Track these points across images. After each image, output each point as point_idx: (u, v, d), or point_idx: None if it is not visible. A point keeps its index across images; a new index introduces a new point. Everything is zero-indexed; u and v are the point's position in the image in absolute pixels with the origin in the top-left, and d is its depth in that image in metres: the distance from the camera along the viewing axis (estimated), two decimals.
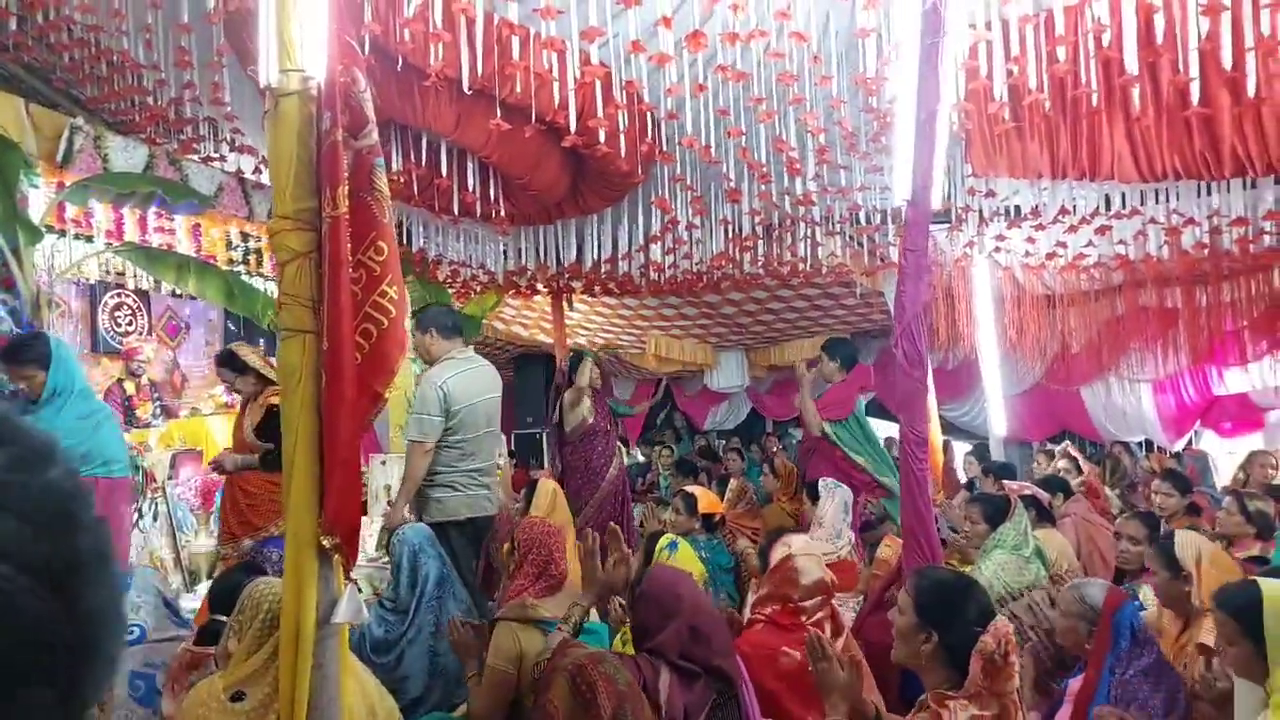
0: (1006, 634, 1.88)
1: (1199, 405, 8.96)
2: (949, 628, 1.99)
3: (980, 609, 2.04)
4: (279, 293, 2.05)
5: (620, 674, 2.03)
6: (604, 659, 2.08)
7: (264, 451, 4.14)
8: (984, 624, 1.93)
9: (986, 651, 1.84)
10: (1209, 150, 3.92)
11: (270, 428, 4.07)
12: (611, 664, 2.06)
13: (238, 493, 4.26)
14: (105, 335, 7.59)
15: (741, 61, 3.32)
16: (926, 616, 2.04)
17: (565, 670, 2.07)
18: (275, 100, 2.03)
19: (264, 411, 4.16)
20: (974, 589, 2.14)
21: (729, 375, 10.78)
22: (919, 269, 2.96)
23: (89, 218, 4.73)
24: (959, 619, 2.00)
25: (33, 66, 4.63)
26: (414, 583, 3.26)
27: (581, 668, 2.02)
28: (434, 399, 3.79)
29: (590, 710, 1.95)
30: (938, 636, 1.99)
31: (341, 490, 1.99)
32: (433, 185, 4.58)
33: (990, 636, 1.86)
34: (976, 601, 2.07)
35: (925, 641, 2.01)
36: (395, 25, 3.14)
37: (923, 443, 2.95)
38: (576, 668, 2.02)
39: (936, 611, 2.04)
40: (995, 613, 2.08)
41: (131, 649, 2.98)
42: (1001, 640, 1.85)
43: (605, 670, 2.01)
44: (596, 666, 2.01)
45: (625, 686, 2.01)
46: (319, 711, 1.97)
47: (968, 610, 2.02)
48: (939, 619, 2.02)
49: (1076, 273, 6.67)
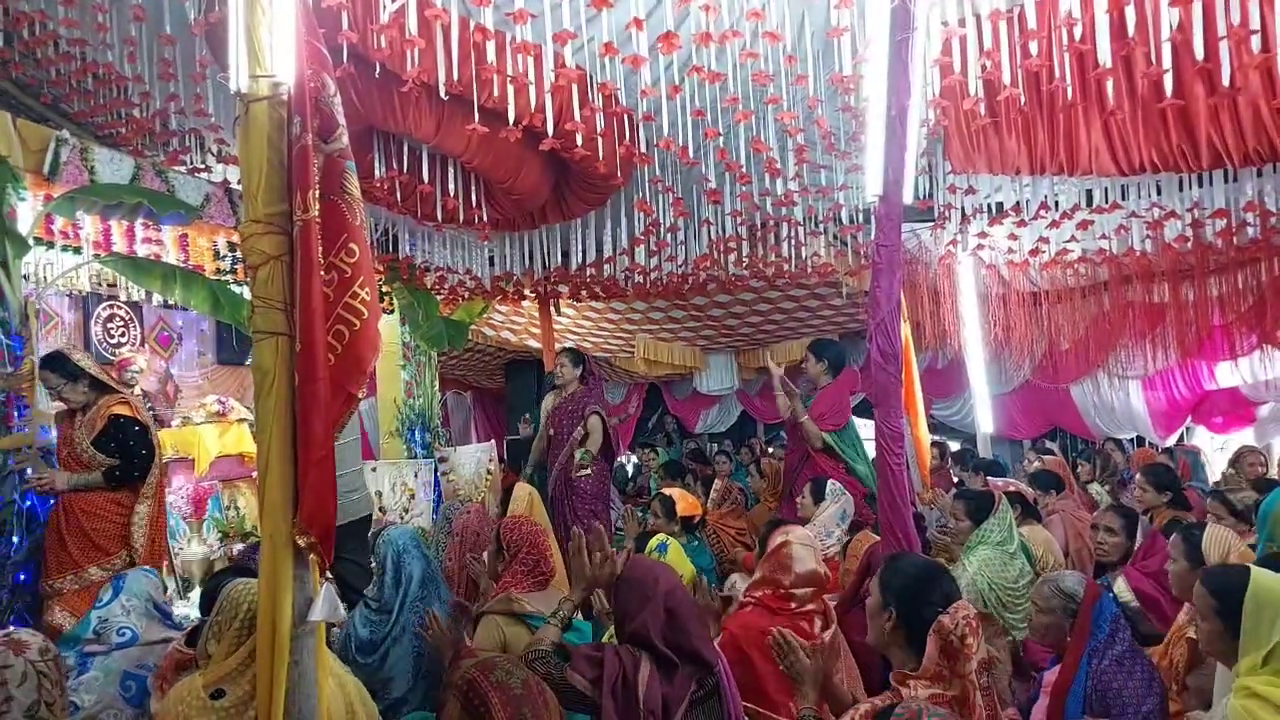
0: (966, 617, 1.91)
1: (1189, 401, 8.99)
2: (910, 607, 2.03)
3: (944, 594, 2.07)
4: (252, 296, 2.08)
5: (514, 677, 2.01)
6: (495, 666, 2.04)
7: (108, 468, 3.80)
8: (946, 606, 1.96)
9: (944, 631, 1.88)
10: (1185, 142, 3.93)
11: (113, 440, 3.81)
12: (504, 670, 2.03)
13: (78, 515, 3.77)
14: (98, 346, 7.62)
15: (716, 62, 3.35)
16: (889, 595, 2.09)
17: (456, 687, 2.04)
18: (246, 105, 2.06)
19: (105, 422, 3.83)
20: (941, 576, 2.18)
21: (719, 378, 10.81)
22: (892, 264, 2.99)
23: (77, 229, 4.77)
24: (920, 600, 2.04)
25: (21, 82, 4.67)
26: (398, 582, 3.28)
27: (472, 682, 1.99)
28: None
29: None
30: (896, 614, 2.03)
31: (316, 490, 2.00)
32: (415, 192, 4.61)
33: (948, 618, 1.89)
34: (941, 586, 2.10)
35: (887, 620, 2.05)
36: (371, 32, 3.17)
37: (898, 437, 2.97)
38: (467, 683, 2.00)
39: (898, 591, 2.09)
40: (960, 596, 2.11)
41: (124, 651, 3.01)
42: (959, 622, 1.88)
43: (496, 679, 1.98)
44: (487, 676, 1.98)
45: (520, 689, 1.98)
46: (296, 708, 1.99)
47: (930, 592, 2.06)
48: (900, 598, 2.06)
49: (1061, 269, 6.70)
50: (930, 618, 1.96)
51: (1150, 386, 8.98)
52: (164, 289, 4.60)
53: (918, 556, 2.49)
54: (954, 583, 2.19)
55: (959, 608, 1.94)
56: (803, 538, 3.00)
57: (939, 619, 1.91)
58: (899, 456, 2.98)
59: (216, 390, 7.76)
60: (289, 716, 1.99)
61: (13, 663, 2.04)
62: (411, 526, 3.67)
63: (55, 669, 2.13)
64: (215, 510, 5.52)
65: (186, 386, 8.08)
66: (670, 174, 4.86)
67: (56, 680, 2.11)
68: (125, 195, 4.16)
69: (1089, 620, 2.65)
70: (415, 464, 6.13)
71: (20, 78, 4.55)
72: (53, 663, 2.12)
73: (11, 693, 2.01)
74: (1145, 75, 3.59)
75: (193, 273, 4.88)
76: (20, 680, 2.03)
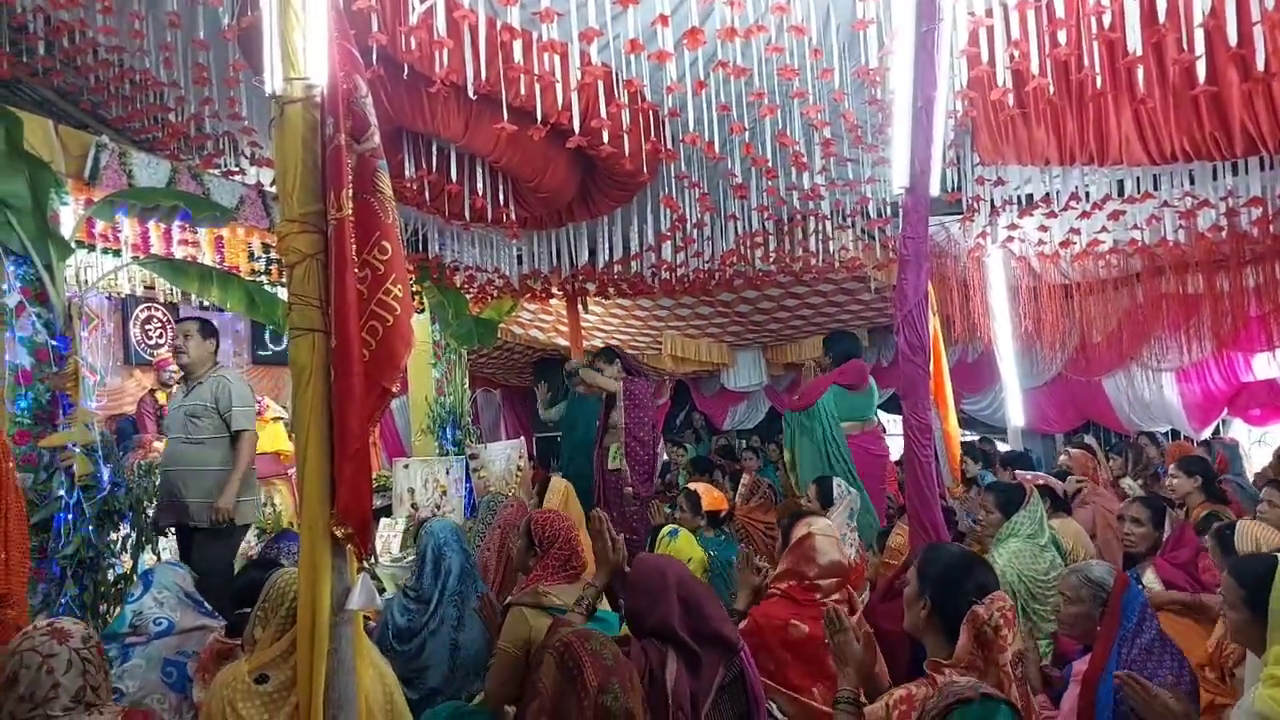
0: (1002, 608, 1.91)
1: (1225, 393, 8.83)
2: (945, 595, 2.04)
3: (980, 584, 2.07)
4: (288, 294, 2.13)
5: (607, 649, 2.05)
6: (591, 636, 2.09)
7: None
8: (981, 597, 1.97)
9: (977, 621, 1.88)
10: (1219, 129, 3.87)
11: None
12: (598, 641, 2.07)
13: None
14: (136, 348, 7.79)
15: (741, 57, 3.37)
16: (924, 583, 2.10)
17: (553, 648, 2.09)
18: (281, 107, 2.11)
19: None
20: (978, 566, 2.19)
21: (746, 374, 10.78)
22: (919, 255, 2.98)
23: (116, 232, 4.88)
24: (955, 588, 2.04)
25: (62, 90, 4.79)
26: (437, 575, 3.34)
27: (568, 645, 2.04)
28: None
29: (576, 685, 1.98)
30: (931, 603, 2.04)
31: (352, 483, 2.06)
32: (444, 191, 4.66)
33: (983, 608, 1.90)
34: (977, 577, 2.11)
35: (922, 608, 2.07)
36: (400, 34, 3.22)
37: (926, 429, 2.97)
38: (563, 645, 2.05)
39: (934, 579, 2.10)
40: (997, 588, 2.12)
41: (163, 640, 3.09)
42: (994, 613, 1.89)
43: (591, 646, 2.03)
44: (583, 644, 2.04)
45: (612, 661, 2.03)
46: (336, 694, 2.05)
47: (965, 582, 2.07)
48: (935, 586, 2.07)
49: (1093, 260, 6.62)
50: (965, 607, 1.96)
51: (1185, 379, 8.83)
52: (200, 289, 4.70)
53: (956, 546, 2.49)
54: (991, 574, 2.20)
55: (995, 599, 1.95)
56: (825, 529, 3.01)
57: (973, 609, 1.92)
58: (927, 448, 2.98)
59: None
60: (329, 702, 2.05)
61: (58, 651, 2.12)
62: (451, 520, 3.72)
63: (98, 655, 2.20)
64: None
65: None
66: (696, 170, 4.87)
67: (100, 666, 2.19)
68: (162, 198, 4.25)
69: (1119, 609, 2.64)
70: (446, 460, 6.20)
71: (61, 85, 4.66)
72: (95, 650, 2.20)
73: (59, 679, 2.09)
74: (1176, 62, 3.55)
75: (228, 273, 4.98)
76: (66, 668, 2.10)
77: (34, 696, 2.06)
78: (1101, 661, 2.57)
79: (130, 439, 6.27)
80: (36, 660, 2.09)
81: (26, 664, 2.09)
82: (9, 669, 2.11)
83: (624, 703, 1.96)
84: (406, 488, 5.91)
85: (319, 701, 2.02)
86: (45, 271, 3.90)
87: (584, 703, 1.95)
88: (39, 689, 2.07)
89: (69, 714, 2.08)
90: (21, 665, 2.09)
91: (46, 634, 2.15)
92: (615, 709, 1.94)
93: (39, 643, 2.13)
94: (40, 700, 2.06)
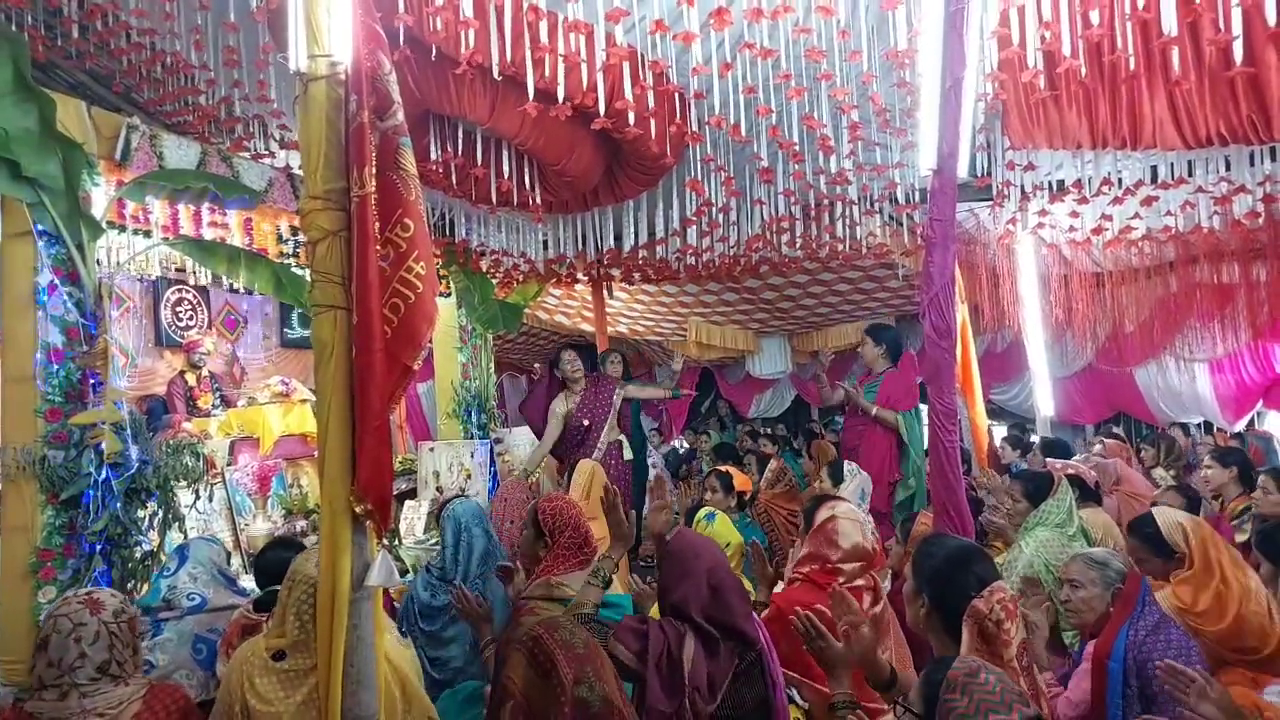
0: (1002, 599, 1.86)
1: (1260, 384, 8.64)
2: (942, 591, 1.99)
3: (979, 577, 2.01)
4: (311, 270, 2.14)
5: (577, 637, 2.00)
6: (559, 625, 2.04)
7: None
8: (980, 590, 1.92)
9: (978, 616, 1.84)
10: (1256, 112, 3.76)
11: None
12: (567, 629, 2.02)
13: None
14: (168, 329, 7.90)
15: (768, 39, 3.33)
16: (921, 579, 2.05)
17: (520, 643, 2.03)
18: (305, 85, 2.12)
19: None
20: (975, 558, 2.12)
21: (771, 362, 10.72)
22: (946, 238, 2.94)
23: (147, 213, 4.94)
24: (952, 583, 1.99)
25: (96, 73, 4.85)
26: (458, 555, 3.36)
27: (537, 640, 1.98)
28: None
29: (551, 680, 1.92)
30: (930, 599, 2.00)
31: (372, 459, 2.06)
32: (470, 175, 4.67)
33: (982, 601, 1.85)
34: (974, 569, 2.05)
35: (921, 605, 2.02)
36: (426, 15, 3.22)
37: (951, 414, 2.94)
38: (532, 640, 1.99)
39: (929, 575, 2.05)
40: (997, 579, 2.06)
41: (195, 616, 3.14)
42: (994, 606, 1.84)
43: (561, 637, 1.98)
44: (552, 635, 1.98)
45: (584, 649, 1.98)
46: (355, 669, 2.07)
47: (962, 575, 2.00)
48: (931, 582, 2.02)
49: (1125, 247, 6.50)
50: (964, 602, 1.91)
51: (1218, 370, 8.66)
52: (229, 271, 4.74)
53: (951, 538, 2.43)
54: (990, 564, 2.12)
55: (994, 590, 1.89)
56: (848, 512, 2.98)
57: (973, 604, 1.87)
58: (952, 433, 2.95)
59: (280, 371, 7.99)
60: (348, 677, 2.06)
61: (88, 621, 2.16)
62: (475, 502, 3.73)
63: (129, 631, 2.24)
64: (279, 488, 5.69)
65: (252, 368, 8.35)
66: (722, 153, 4.84)
67: (129, 642, 2.22)
68: (192, 180, 4.28)
69: (1136, 591, 2.61)
70: (471, 444, 6.24)
71: (94, 68, 4.72)
72: (127, 624, 2.23)
73: (85, 650, 2.13)
74: (1212, 43, 3.45)
75: (257, 255, 5.02)
76: (94, 639, 2.14)
77: (61, 663, 2.11)
78: (1111, 640, 2.56)
79: (160, 419, 6.38)
80: (68, 627, 2.14)
81: (58, 629, 2.14)
82: (44, 631, 2.16)
83: (600, 691, 1.93)
84: (432, 471, 5.95)
85: (338, 676, 2.03)
86: (76, 251, 3.95)
87: (561, 699, 1.91)
88: (66, 656, 2.11)
89: (94, 684, 2.13)
90: (54, 629, 2.14)
91: (82, 603, 2.20)
92: (592, 699, 1.91)
93: (73, 610, 2.17)
94: (66, 668, 2.11)
